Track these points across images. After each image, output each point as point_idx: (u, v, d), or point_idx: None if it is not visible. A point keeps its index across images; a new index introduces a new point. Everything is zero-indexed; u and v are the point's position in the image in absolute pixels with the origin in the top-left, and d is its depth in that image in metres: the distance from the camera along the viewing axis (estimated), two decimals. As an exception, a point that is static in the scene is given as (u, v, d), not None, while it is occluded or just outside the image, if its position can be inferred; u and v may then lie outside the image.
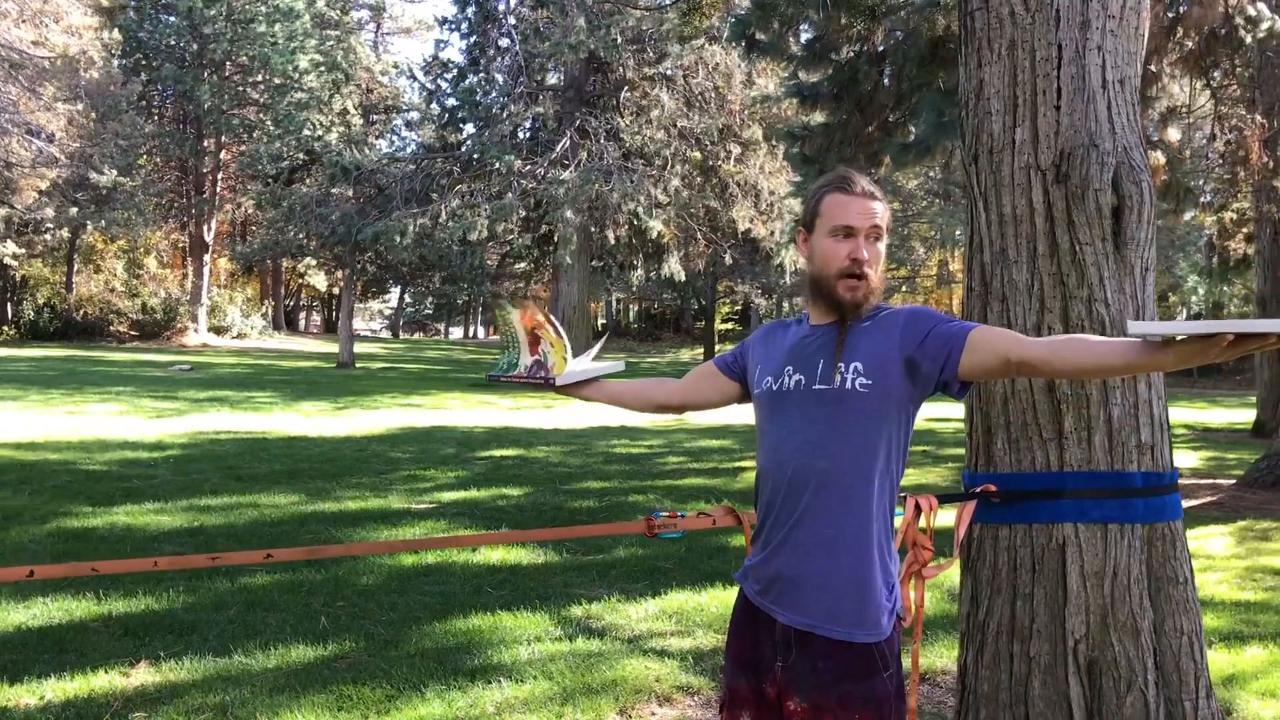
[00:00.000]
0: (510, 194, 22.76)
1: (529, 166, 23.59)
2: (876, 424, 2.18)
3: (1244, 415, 21.97)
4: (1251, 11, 12.65)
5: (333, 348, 41.22)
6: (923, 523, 2.80)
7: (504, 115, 23.83)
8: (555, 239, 24.39)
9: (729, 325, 60.49)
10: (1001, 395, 3.23)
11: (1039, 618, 3.12)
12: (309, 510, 8.07)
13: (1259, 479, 10.57)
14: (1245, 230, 20.07)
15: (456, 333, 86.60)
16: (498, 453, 12.30)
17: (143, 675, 4.37)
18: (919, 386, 2.19)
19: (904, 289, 46.64)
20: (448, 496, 8.97)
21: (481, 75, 25.35)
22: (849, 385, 2.17)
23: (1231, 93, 21.09)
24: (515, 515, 8.17)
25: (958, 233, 45.00)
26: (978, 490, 3.14)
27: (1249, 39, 13.40)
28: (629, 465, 11.53)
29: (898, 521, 2.65)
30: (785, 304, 48.90)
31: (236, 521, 7.57)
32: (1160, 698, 3.06)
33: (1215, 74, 19.45)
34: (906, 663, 2.44)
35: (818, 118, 13.13)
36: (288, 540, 6.97)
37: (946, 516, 3.74)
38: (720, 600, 5.79)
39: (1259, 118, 17.92)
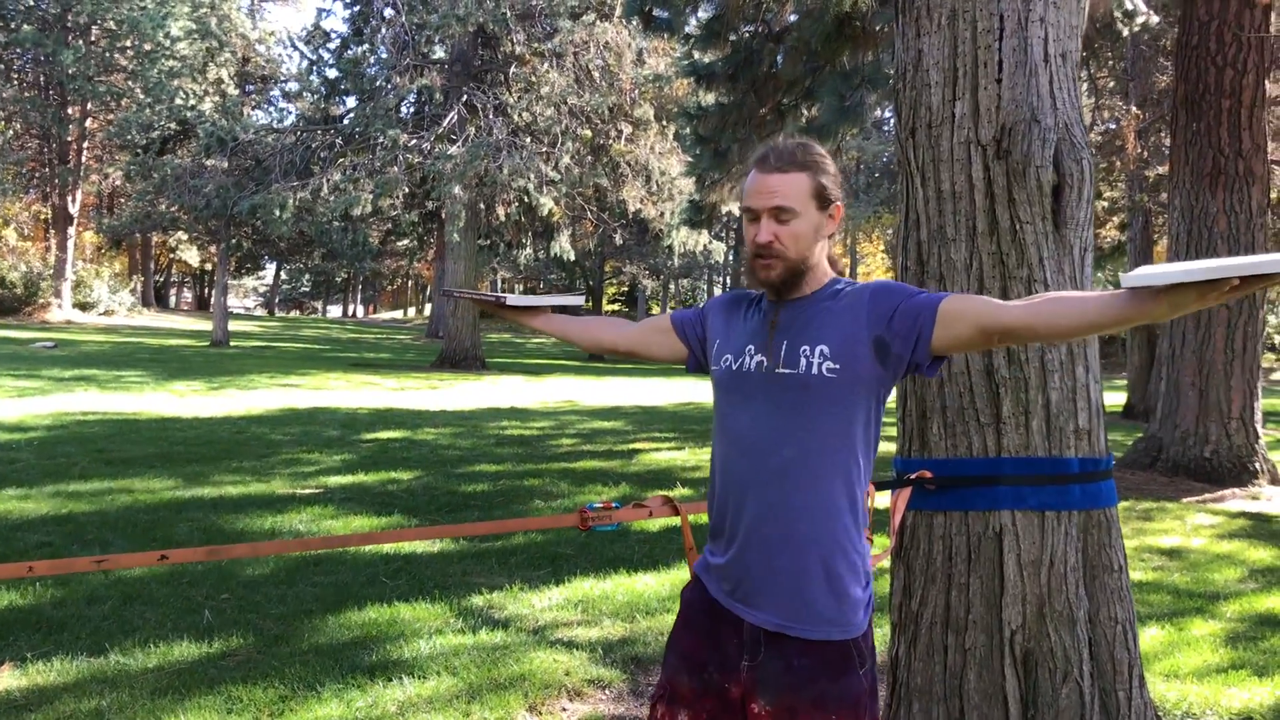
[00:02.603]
0: (395, 168, 22.12)
1: (414, 141, 22.99)
2: (846, 410, 2.05)
3: (1114, 398, 22.78)
4: (1129, 5, 12.98)
5: (205, 325, 39.90)
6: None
7: (389, 88, 23.13)
8: (443, 215, 23.85)
9: (615, 306, 60.39)
10: (937, 378, 3.12)
11: (974, 608, 3.02)
12: (187, 496, 7.63)
13: (1136, 460, 10.86)
14: (1118, 218, 20.77)
15: (334, 311, 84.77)
16: (383, 435, 11.93)
17: (6, 679, 4.00)
18: (890, 368, 2.06)
19: (788, 272, 46.99)
20: (334, 481, 8.61)
21: (365, 46, 24.60)
22: (815, 370, 2.04)
23: (1105, 84, 21.81)
24: (407, 500, 7.87)
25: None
26: (913, 476, 3.03)
27: (1126, 31, 13.76)
28: (521, 448, 11.29)
29: None
30: (671, 285, 49.04)
31: (109, 508, 7.10)
32: (1095, 688, 3.00)
33: (1092, 65, 20.04)
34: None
35: (712, 98, 13.05)
36: (165, 527, 6.56)
37: (880, 502, 3.64)
38: (625, 588, 5.62)
39: (1134, 109, 18.52)
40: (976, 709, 2.99)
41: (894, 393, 3.58)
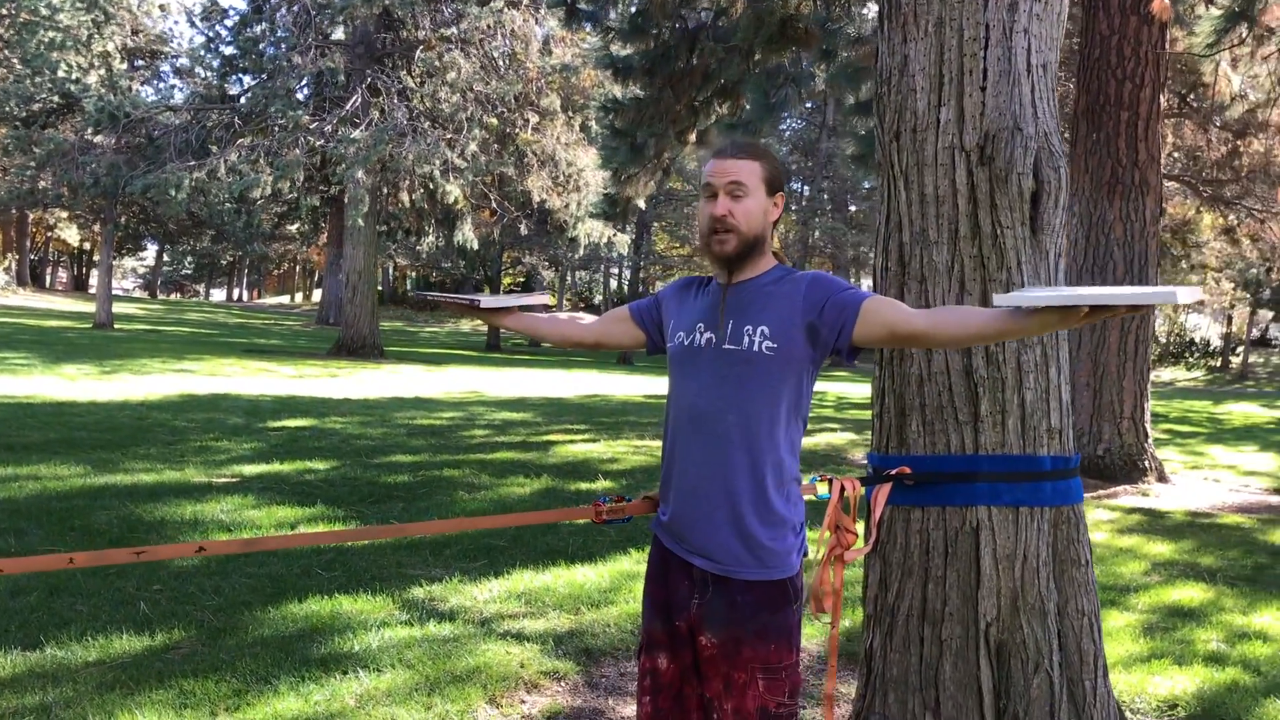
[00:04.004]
0: (296, 150, 21.56)
1: (316, 123, 22.45)
2: (781, 383, 2.32)
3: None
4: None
5: (85, 306, 38.46)
6: (846, 495, 2.75)
7: (289, 68, 22.52)
8: (345, 200, 23.37)
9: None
10: (917, 377, 3.20)
11: (951, 601, 3.11)
12: (99, 483, 7.36)
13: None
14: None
15: (218, 295, 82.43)
16: (290, 423, 11.67)
17: (-62, 675, 3.83)
18: (819, 350, 2.34)
19: (685, 267, 47.51)
20: (249, 469, 8.39)
21: (265, 25, 23.90)
22: (756, 347, 2.31)
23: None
24: (327, 491, 7.71)
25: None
26: (893, 472, 3.10)
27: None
28: (433, 438, 11.17)
29: (819, 488, 2.73)
30: (570, 277, 48.88)
31: (17, 495, 6.81)
32: (1063, 678, 3.11)
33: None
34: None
35: (628, 91, 13.06)
36: (82, 516, 6.32)
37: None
38: (565, 580, 5.62)
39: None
40: (952, 699, 3.08)
41: (869, 391, 3.66)
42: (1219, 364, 51.20)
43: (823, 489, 2.74)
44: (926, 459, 3.17)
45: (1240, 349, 51.04)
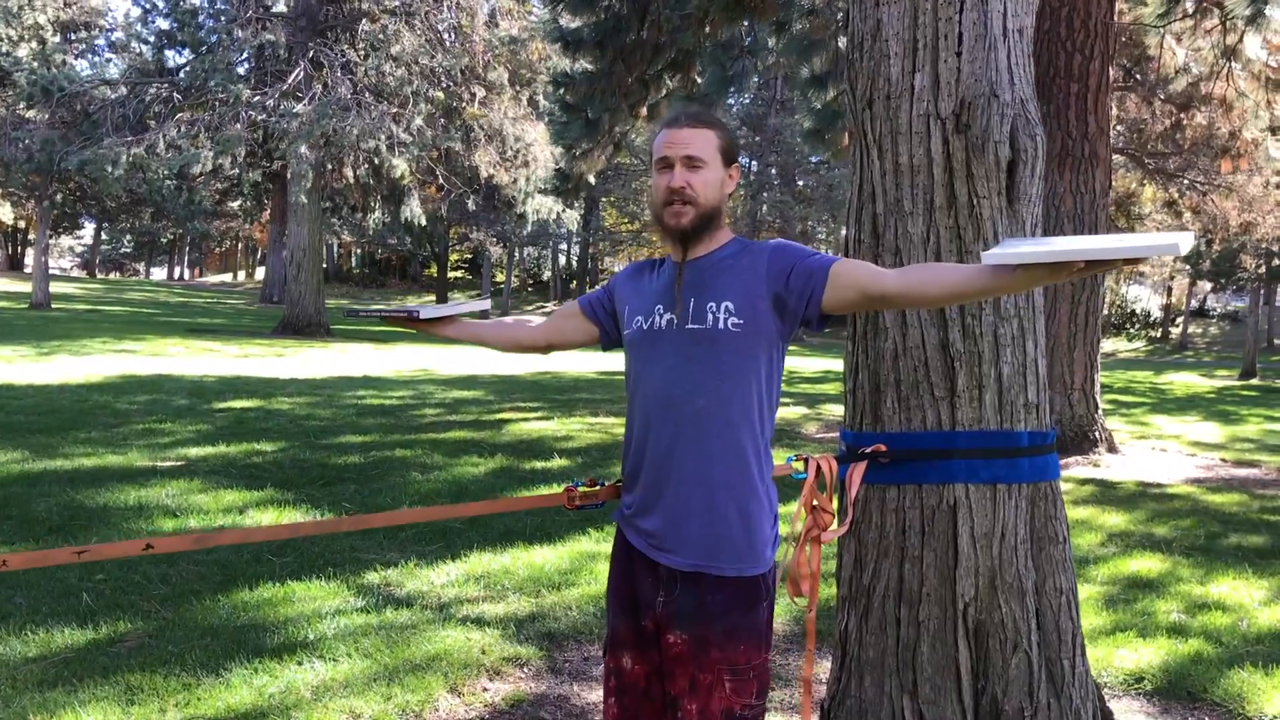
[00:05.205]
0: (238, 125, 21.05)
1: (257, 97, 21.93)
2: (751, 361, 2.20)
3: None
4: None
5: (20, 286, 37.60)
6: (820, 472, 2.65)
7: (229, 41, 21.96)
8: (289, 175, 22.87)
9: (459, 273, 59.33)
10: (892, 351, 3.11)
11: (929, 581, 3.03)
12: (38, 469, 7.12)
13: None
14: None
15: (158, 273, 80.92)
16: (236, 404, 11.42)
17: None
18: (787, 323, 2.23)
19: (634, 243, 47.34)
20: (195, 452, 8.17)
21: (204, -4, 23.31)
22: (721, 325, 2.19)
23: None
24: (277, 473, 7.52)
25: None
26: (868, 450, 3.02)
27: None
28: (384, 418, 10.97)
29: (795, 466, 2.63)
30: (517, 253, 48.51)
31: (-50, 484, 6.57)
32: (1042, 658, 3.06)
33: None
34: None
35: (578, 65, 12.86)
36: (21, 503, 6.09)
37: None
38: (524, 562, 5.50)
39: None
40: (929, 681, 3.01)
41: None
42: (1159, 335, 52.11)
43: (799, 468, 2.64)
44: (902, 436, 3.09)
45: (1180, 320, 51.98)
